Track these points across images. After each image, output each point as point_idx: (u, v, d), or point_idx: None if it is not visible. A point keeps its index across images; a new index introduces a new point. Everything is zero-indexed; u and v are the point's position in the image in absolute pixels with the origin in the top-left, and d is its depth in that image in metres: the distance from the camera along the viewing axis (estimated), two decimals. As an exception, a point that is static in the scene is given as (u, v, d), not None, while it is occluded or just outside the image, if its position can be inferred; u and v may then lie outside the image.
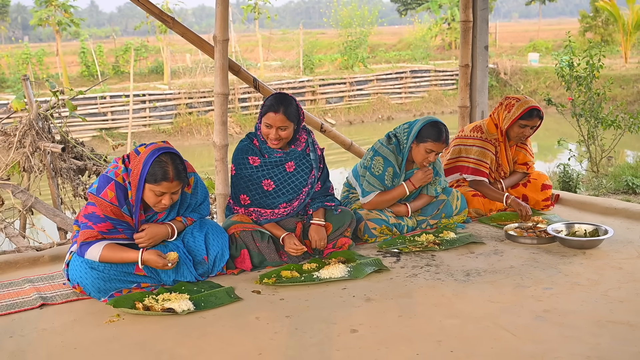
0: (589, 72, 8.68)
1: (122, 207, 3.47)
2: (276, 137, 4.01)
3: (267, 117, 3.98)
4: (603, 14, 28.22)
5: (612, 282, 3.58)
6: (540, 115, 5.00)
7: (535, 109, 4.98)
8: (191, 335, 3.04)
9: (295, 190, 4.16)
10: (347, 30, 27.77)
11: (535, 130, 5.12)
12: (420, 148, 4.45)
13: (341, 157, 14.46)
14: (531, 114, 4.98)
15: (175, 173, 3.44)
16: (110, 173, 3.49)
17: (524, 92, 24.11)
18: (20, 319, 3.27)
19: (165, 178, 3.41)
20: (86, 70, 26.95)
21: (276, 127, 3.97)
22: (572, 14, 69.80)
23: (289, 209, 4.14)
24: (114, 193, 3.44)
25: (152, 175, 3.41)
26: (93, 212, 3.45)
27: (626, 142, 10.55)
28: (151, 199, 3.49)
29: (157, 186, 3.42)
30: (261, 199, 4.11)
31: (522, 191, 5.23)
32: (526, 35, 39.53)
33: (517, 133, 5.05)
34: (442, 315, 3.20)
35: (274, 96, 4.07)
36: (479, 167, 5.06)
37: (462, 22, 6.14)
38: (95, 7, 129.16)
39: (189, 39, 5.40)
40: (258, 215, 4.10)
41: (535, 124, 5.03)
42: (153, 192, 3.45)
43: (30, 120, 6.86)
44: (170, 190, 3.47)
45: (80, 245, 3.47)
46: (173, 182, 3.44)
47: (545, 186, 5.21)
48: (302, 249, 3.97)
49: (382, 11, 33.71)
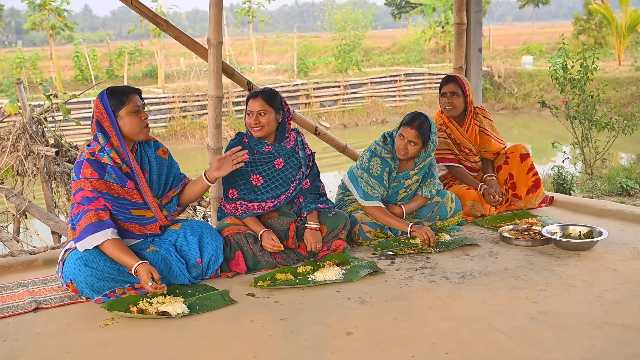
0: (583, 74, 8.70)
1: (103, 177, 3.52)
2: (256, 122, 4.09)
3: (248, 104, 4.16)
4: (596, 16, 28.30)
5: (606, 283, 3.58)
6: (455, 81, 5.15)
7: (451, 75, 5.25)
8: (186, 339, 3.03)
9: (283, 185, 4.20)
10: (341, 33, 27.79)
11: (465, 100, 5.17)
12: (397, 136, 4.49)
13: (335, 160, 14.46)
14: (447, 81, 5.19)
15: (130, 87, 3.65)
16: (80, 157, 3.58)
17: (518, 94, 24.19)
18: (14, 322, 3.26)
19: (127, 93, 3.59)
20: (80, 74, 26.92)
21: (255, 112, 4.09)
22: (566, 17, 69.95)
23: (275, 202, 4.17)
24: (90, 168, 3.50)
25: (116, 100, 3.57)
26: (82, 196, 3.48)
27: (620, 144, 10.59)
28: (134, 123, 3.59)
29: (129, 104, 3.57)
30: (249, 193, 4.14)
31: (508, 169, 5.29)
32: (520, 38, 39.61)
33: (442, 104, 5.22)
34: (437, 317, 3.20)
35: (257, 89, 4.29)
36: (441, 155, 5.20)
37: (456, 25, 6.14)
38: (89, 11, 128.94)
39: (183, 42, 5.39)
40: (245, 208, 4.11)
41: (452, 89, 5.16)
42: (130, 114, 3.57)
43: (23, 123, 6.85)
44: (139, 102, 3.62)
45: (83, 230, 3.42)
46: (135, 95, 3.61)
47: (524, 156, 5.27)
48: (279, 246, 3.96)
49: (376, 14, 33.73)
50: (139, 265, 3.42)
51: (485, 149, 5.33)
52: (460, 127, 5.25)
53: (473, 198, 5.05)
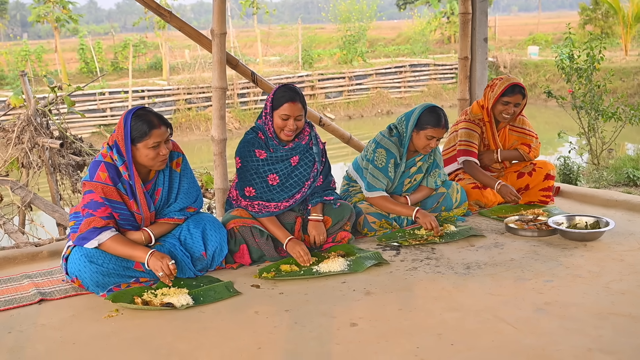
0: (590, 64, 8.65)
1: (117, 184, 3.46)
2: (294, 129, 3.96)
3: (283, 108, 3.92)
4: (603, 6, 28.12)
5: (613, 274, 3.57)
6: (522, 92, 4.99)
7: (518, 85, 4.99)
8: (190, 330, 3.03)
9: (298, 183, 4.13)
10: (345, 24, 27.68)
11: (520, 109, 5.09)
12: (420, 135, 4.43)
13: (341, 151, 14.44)
14: (513, 90, 4.98)
15: (159, 119, 3.48)
16: (99, 157, 3.50)
17: (524, 85, 24.08)
18: (18, 314, 3.26)
19: (152, 126, 3.43)
20: (85, 66, 26.90)
21: (294, 117, 3.93)
22: (572, 6, 69.64)
23: (291, 201, 4.11)
24: (107, 173, 3.43)
25: (138, 131, 3.42)
26: (91, 199, 3.43)
27: (627, 134, 10.53)
28: (150, 155, 3.47)
29: (149, 139, 3.42)
30: (265, 193, 4.06)
31: (527, 180, 5.16)
32: (526, 28, 39.41)
33: (501, 110, 5.03)
34: (443, 308, 3.19)
35: (285, 87, 4.01)
36: (468, 147, 5.08)
37: (461, 14, 6.11)
38: (94, 3, 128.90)
39: (187, 33, 5.38)
40: (261, 207, 4.03)
41: (518, 100, 5.00)
42: (148, 148, 3.44)
43: (28, 116, 6.84)
44: (162, 137, 3.47)
45: (84, 234, 3.41)
46: (161, 128, 3.46)
47: (549, 176, 5.12)
48: (309, 259, 3.85)
49: (381, 5, 33.55)
50: (150, 260, 3.41)
51: (513, 144, 5.24)
52: (497, 131, 5.17)
53: (477, 198, 5.01)
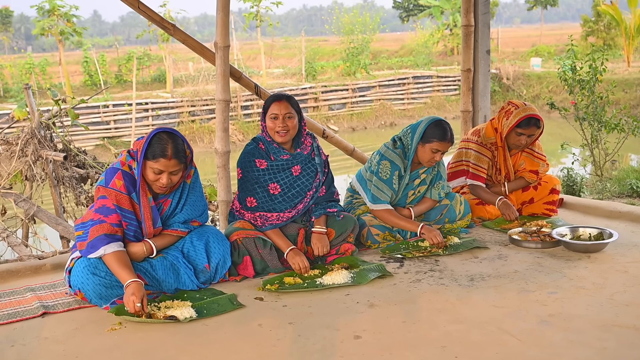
0: (592, 75, 8.65)
1: (131, 193, 3.48)
2: (283, 127, 4.01)
3: (271, 109, 4.03)
4: (605, 18, 28.19)
5: (617, 285, 3.55)
6: (538, 124, 4.82)
7: (533, 117, 4.79)
8: (193, 343, 3.02)
9: (300, 193, 4.14)
10: (349, 37, 27.77)
11: (534, 139, 4.94)
12: (426, 149, 4.43)
13: (344, 163, 14.44)
14: (528, 123, 4.79)
15: (174, 152, 3.44)
16: (117, 164, 3.51)
17: (527, 97, 24.09)
18: (21, 327, 3.26)
19: (163, 155, 3.41)
20: (89, 79, 27.02)
21: (282, 115, 4.00)
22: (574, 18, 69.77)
23: (293, 212, 4.12)
24: (122, 181, 3.45)
25: (150, 151, 3.43)
26: (103, 205, 3.44)
27: (630, 145, 10.51)
28: (150, 176, 3.48)
29: (155, 163, 3.43)
30: (267, 202, 4.08)
31: (532, 194, 5.11)
32: (528, 40, 39.53)
33: (515, 141, 4.89)
34: (446, 320, 3.18)
35: (273, 93, 4.20)
36: (477, 171, 5.01)
37: (463, 27, 6.13)
38: (98, 16, 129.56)
39: (190, 46, 5.40)
40: (264, 219, 4.05)
41: (532, 132, 4.84)
42: (152, 170, 3.45)
43: (32, 129, 6.86)
44: (168, 169, 3.45)
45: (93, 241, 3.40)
46: (171, 161, 3.44)
47: (554, 191, 5.07)
48: (307, 267, 3.90)
49: (384, 17, 33.71)
50: (130, 286, 3.30)
51: (521, 166, 5.12)
52: (509, 155, 5.05)
53: (481, 214, 4.99)
